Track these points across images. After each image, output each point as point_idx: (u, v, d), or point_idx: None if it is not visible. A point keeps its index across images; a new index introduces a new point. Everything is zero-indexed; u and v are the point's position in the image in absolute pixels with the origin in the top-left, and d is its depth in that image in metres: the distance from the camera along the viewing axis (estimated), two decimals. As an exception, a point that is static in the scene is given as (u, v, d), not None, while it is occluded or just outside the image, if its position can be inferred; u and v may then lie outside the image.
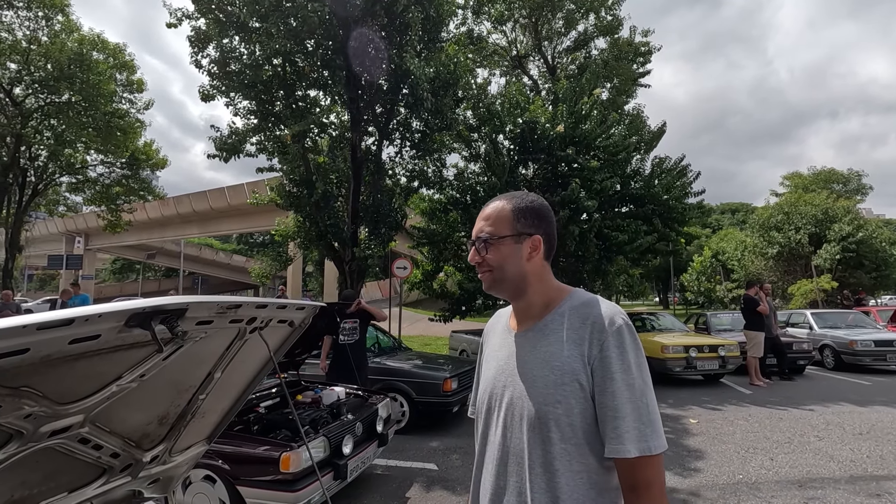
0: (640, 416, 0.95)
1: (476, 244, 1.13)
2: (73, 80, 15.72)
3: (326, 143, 11.76)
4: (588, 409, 0.99)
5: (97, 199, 19.15)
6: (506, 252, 1.10)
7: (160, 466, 1.74)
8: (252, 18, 9.58)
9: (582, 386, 0.99)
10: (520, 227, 1.11)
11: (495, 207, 1.13)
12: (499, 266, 1.11)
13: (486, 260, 1.11)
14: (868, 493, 3.89)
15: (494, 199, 1.16)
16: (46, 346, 0.91)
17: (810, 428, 5.82)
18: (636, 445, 0.94)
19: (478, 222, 1.15)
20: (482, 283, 1.15)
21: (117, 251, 50.89)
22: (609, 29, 16.68)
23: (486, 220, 1.13)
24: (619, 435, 0.95)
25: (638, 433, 0.94)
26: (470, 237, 1.17)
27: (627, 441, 0.94)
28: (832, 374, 9.88)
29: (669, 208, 10.83)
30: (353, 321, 5.65)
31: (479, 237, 1.12)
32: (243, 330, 1.52)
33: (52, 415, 1.12)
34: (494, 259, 1.11)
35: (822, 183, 39.23)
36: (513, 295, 1.14)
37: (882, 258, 21.69)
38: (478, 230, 1.14)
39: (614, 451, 0.95)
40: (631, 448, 0.94)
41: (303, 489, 3.26)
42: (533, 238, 1.11)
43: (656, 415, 0.98)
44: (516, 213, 1.11)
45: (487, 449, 1.14)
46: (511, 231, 1.10)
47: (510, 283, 1.12)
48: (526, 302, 1.13)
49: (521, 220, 1.11)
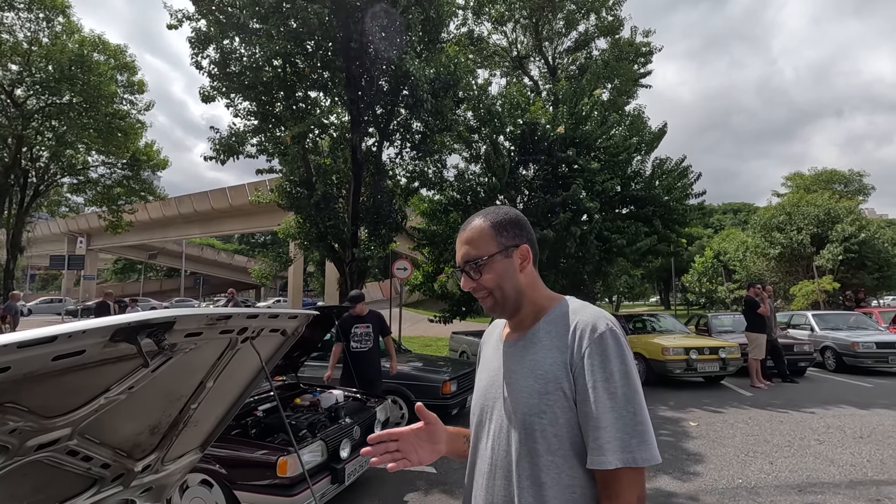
0: (623, 426, 0.92)
1: (466, 270, 1.09)
2: (74, 82, 15.77)
3: (327, 144, 11.77)
4: (573, 418, 0.97)
5: (98, 199, 19.22)
6: (499, 269, 1.08)
7: (153, 475, 1.73)
8: (252, 20, 9.58)
9: (566, 394, 0.97)
10: (504, 240, 1.08)
11: (473, 228, 1.10)
12: (496, 286, 1.08)
13: (482, 283, 1.08)
14: (868, 498, 3.87)
15: (467, 223, 1.13)
16: (28, 364, 0.90)
17: (811, 431, 5.80)
18: (618, 456, 0.90)
19: (460, 248, 1.11)
20: (484, 307, 1.12)
21: (119, 251, 51.03)
22: (610, 29, 16.65)
23: (470, 244, 1.09)
24: (599, 445, 0.92)
25: (621, 443, 0.91)
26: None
27: (608, 452, 0.91)
28: (833, 376, 9.84)
29: (670, 210, 10.81)
30: (366, 325, 5.21)
31: (467, 262, 1.09)
32: (234, 340, 1.51)
33: (38, 429, 1.11)
34: (490, 280, 1.08)
35: (823, 183, 39.12)
36: (513, 312, 1.11)
37: (885, 259, 21.58)
38: (464, 255, 1.10)
39: (595, 462, 0.92)
40: (612, 459, 0.90)
41: (300, 493, 3.25)
42: (520, 248, 1.09)
43: (645, 425, 0.94)
44: (496, 227, 1.09)
45: (478, 461, 1.12)
46: (497, 247, 1.07)
47: (511, 301, 1.09)
48: (519, 315, 1.11)
49: (504, 233, 1.09)
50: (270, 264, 15.51)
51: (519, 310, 1.10)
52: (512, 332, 1.14)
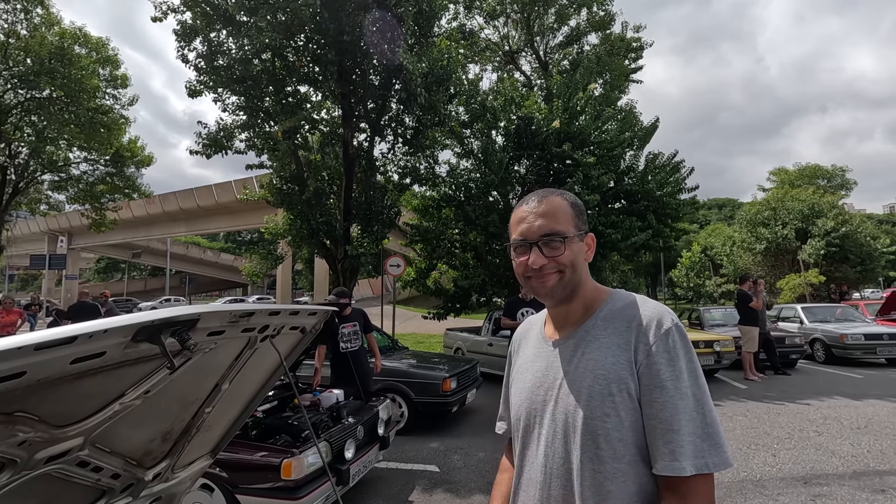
0: (695, 430, 0.87)
1: (540, 244, 1.00)
2: (54, 75, 15.30)
3: (317, 139, 11.57)
4: (639, 421, 0.91)
5: (81, 197, 18.73)
6: (577, 250, 1.01)
7: (162, 484, 1.63)
8: (240, 12, 9.36)
9: (631, 396, 0.91)
10: (580, 224, 1.03)
11: (553, 203, 1.02)
12: (572, 265, 1.00)
13: (559, 259, 0.99)
14: (873, 488, 3.89)
15: (539, 195, 1.04)
16: (45, 368, 0.80)
17: (808, 423, 5.84)
18: (692, 462, 0.85)
19: (532, 219, 1.01)
20: (540, 288, 1.02)
21: (102, 250, 49.98)
22: (601, 24, 16.66)
23: (549, 218, 1.00)
24: (672, 450, 0.86)
25: (694, 448, 0.86)
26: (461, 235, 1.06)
27: (682, 457, 0.85)
28: (823, 368, 9.98)
29: (663, 204, 10.83)
30: (353, 324, 5.06)
31: (547, 235, 0.99)
32: (254, 339, 1.42)
33: (48, 440, 1.00)
34: (568, 258, 0.99)
35: (806, 179, 39.83)
36: (568, 298, 1.03)
37: (866, 252, 22.04)
38: (542, 228, 0.99)
39: (667, 468, 0.86)
40: (686, 465, 0.85)
41: (306, 496, 3.16)
42: (588, 236, 1.05)
43: (715, 427, 0.88)
44: (575, 209, 1.04)
45: (525, 470, 1.04)
46: (576, 229, 1.02)
47: (573, 285, 1.02)
48: (569, 307, 1.04)
49: (581, 216, 1.04)
50: (261, 262, 15.24)
51: (573, 298, 1.03)
52: (559, 329, 1.06)
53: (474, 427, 6.17)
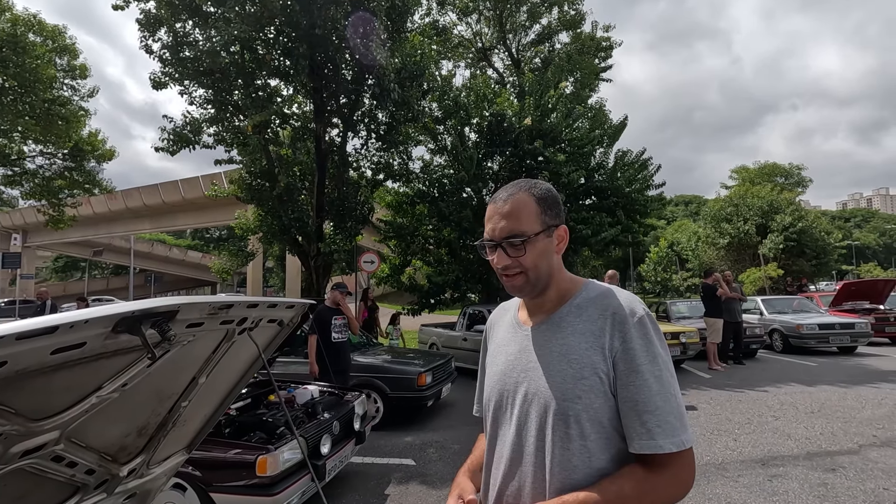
0: (670, 410, 0.93)
1: (503, 246, 1.02)
2: (7, 64, 14.54)
3: (289, 134, 11.39)
4: (607, 403, 0.96)
5: (37, 192, 17.86)
6: (541, 249, 1.02)
7: (137, 480, 1.61)
8: (207, 2, 9.12)
9: (602, 380, 0.96)
10: (548, 219, 1.02)
11: (517, 201, 1.02)
12: (534, 266, 1.02)
13: (521, 262, 1.01)
14: (824, 468, 4.13)
15: (507, 191, 1.04)
16: (25, 358, 0.79)
17: (767, 408, 6.13)
18: (670, 440, 0.91)
19: (496, 220, 1.03)
20: (509, 286, 1.05)
21: (60, 248, 47.86)
22: (572, 23, 16.92)
23: (511, 219, 1.01)
24: (649, 430, 0.92)
25: (670, 427, 0.92)
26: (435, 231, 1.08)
27: (659, 436, 0.91)
28: (781, 357, 10.46)
29: (632, 200, 11.13)
30: (342, 317, 5.44)
31: (507, 238, 1.01)
32: (232, 331, 1.42)
33: (24, 433, 0.99)
34: (529, 259, 1.01)
35: (766, 176, 41.49)
36: (540, 293, 1.06)
37: (821, 247, 23.17)
38: (504, 230, 1.01)
39: (645, 446, 0.91)
40: (664, 443, 0.91)
41: (281, 492, 3.14)
42: (559, 228, 1.05)
43: (683, 408, 0.95)
44: (541, 204, 1.03)
45: (497, 448, 1.08)
46: (541, 226, 1.02)
47: (542, 283, 1.04)
48: (543, 297, 1.07)
49: (548, 211, 1.03)
50: (230, 259, 14.89)
51: (545, 291, 1.06)
52: (532, 316, 1.10)
53: (450, 421, 6.24)
